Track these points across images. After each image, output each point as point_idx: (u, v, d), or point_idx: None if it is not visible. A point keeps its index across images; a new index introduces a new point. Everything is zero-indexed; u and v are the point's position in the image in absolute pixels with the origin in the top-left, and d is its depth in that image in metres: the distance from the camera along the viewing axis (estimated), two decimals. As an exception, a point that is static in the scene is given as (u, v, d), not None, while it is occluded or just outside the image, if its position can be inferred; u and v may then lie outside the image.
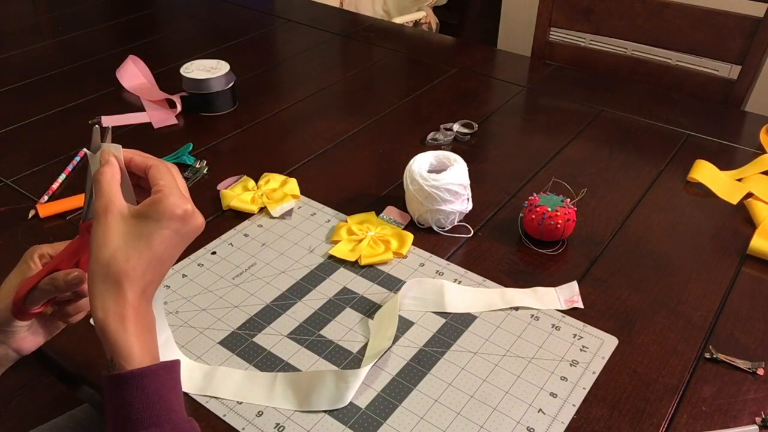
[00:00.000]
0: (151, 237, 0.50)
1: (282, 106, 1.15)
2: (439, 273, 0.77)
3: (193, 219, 0.52)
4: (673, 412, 0.61)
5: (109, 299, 0.49)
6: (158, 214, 0.50)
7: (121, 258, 0.50)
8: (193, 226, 0.52)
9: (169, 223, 0.51)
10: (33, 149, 1.03)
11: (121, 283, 0.50)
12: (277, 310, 0.73)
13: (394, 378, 0.64)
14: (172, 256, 0.53)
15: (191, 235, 0.53)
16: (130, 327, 0.49)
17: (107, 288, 0.50)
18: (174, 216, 0.51)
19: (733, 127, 1.09)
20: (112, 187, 0.52)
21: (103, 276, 0.50)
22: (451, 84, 1.22)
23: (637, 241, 0.83)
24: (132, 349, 0.49)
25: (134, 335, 0.49)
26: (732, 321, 0.71)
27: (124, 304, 0.49)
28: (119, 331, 0.49)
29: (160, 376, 0.49)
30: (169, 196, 0.51)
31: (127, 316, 0.49)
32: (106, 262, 0.50)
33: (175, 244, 0.52)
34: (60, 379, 0.71)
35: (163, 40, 1.44)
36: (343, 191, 0.92)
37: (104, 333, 0.49)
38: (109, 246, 0.50)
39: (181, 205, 0.51)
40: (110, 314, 0.49)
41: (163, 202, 0.51)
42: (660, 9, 1.26)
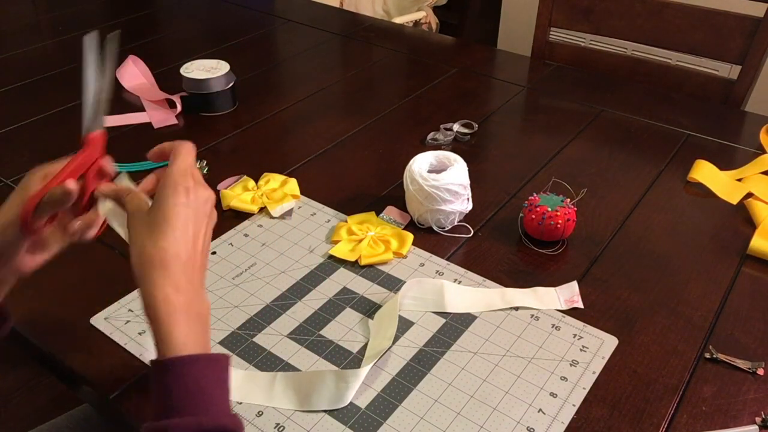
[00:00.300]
0: (166, 215, 0.53)
1: (282, 106, 1.15)
2: (439, 273, 0.77)
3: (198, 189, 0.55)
4: (673, 412, 0.61)
5: (149, 285, 0.51)
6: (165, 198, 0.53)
7: (149, 245, 0.52)
8: (201, 196, 0.55)
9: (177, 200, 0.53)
10: (33, 149, 1.03)
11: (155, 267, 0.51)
12: (277, 310, 0.73)
13: (394, 378, 0.64)
14: (198, 231, 0.54)
15: (202, 206, 0.55)
16: (173, 313, 0.50)
17: (145, 274, 0.51)
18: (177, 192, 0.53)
19: (733, 127, 1.09)
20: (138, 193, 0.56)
21: (140, 266, 0.52)
22: (451, 84, 1.22)
23: (637, 241, 0.83)
24: (173, 334, 0.49)
25: (177, 322, 0.50)
26: (732, 321, 0.71)
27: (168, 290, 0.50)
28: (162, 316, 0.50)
29: (202, 367, 0.49)
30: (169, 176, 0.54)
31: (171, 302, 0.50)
32: (138, 252, 0.52)
33: (192, 216, 0.54)
34: (60, 379, 0.71)
35: (163, 40, 1.44)
36: (343, 191, 0.92)
37: (150, 319, 0.50)
38: (138, 239, 0.53)
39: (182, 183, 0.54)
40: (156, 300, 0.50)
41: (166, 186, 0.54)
42: (660, 9, 1.26)
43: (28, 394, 1.42)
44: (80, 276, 0.77)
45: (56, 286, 0.76)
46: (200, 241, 0.55)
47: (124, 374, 0.65)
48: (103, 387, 0.64)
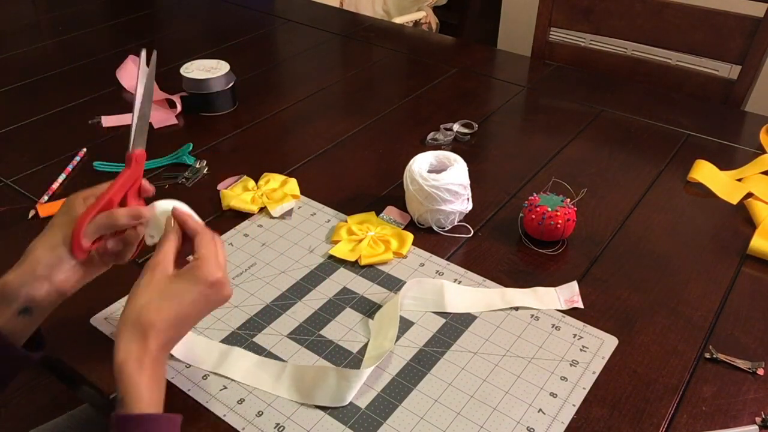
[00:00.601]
0: (183, 296, 0.56)
1: (282, 106, 1.15)
2: (439, 273, 0.77)
3: (223, 288, 0.58)
4: (673, 412, 0.61)
5: (133, 344, 0.54)
6: (194, 278, 0.56)
7: (153, 309, 0.55)
8: (221, 295, 0.58)
9: (201, 288, 0.56)
10: (33, 149, 1.03)
11: (147, 331, 0.54)
12: (277, 310, 0.73)
13: (394, 378, 0.64)
14: (196, 318, 0.58)
15: (218, 302, 0.59)
16: (145, 375, 0.53)
17: (133, 333, 0.54)
18: (207, 282, 0.56)
19: (733, 127, 1.09)
20: (169, 252, 0.58)
21: (133, 322, 0.55)
22: (451, 84, 1.22)
23: (637, 241, 0.83)
24: (143, 394, 0.52)
25: (147, 383, 0.53)
26: (732, 321, 0.71)
27: (145, 351, 0.54)
28: (135, 374, 0.53)
29: (162, 426, 0.53)
30: (207, 263, 0.57)
31: (145, 364, 0.53)
32: (138, 309, 0.55)
33: (201, 307, 0.57)
34: (60, 379, 0.71)
35: (163, 40, 1.44)
36: (343, 191, 0.92)
37: (121, 374, 0.53)
38: (145, 296, 0.56)
39: (215, 273, 0.57)
40: (131, 358, 0.53)
41: (201, 268, 0.56)
42: (660, 9, 1.26)
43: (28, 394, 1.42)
44: (80, 276, 0.77)
45: (56, 286, 0.76)
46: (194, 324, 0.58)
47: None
48: (103, 387, 0.64)
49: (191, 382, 0.64)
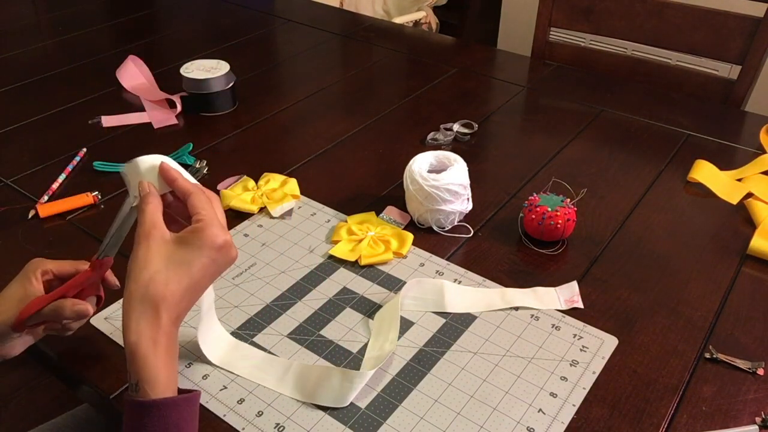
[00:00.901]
0: (191, 263, 0.52)
1: (282, 106, 1.15)
2: (439, 273, 0.77)
3: (231, 250, 0.55)
4: (673, 412, 0.61)
5: (144, 322, 0.50)
6: (200, 242, 0.53)
7: (160, 281, 0.51)
8: (229, 257, 0.55)
9: (210, 251, 0.53)
10: (33, 149, 1.03)
11: (158, 306, 0.51)
12: (277, 310, 0.73)
13: (394, 378, 0.64)
14: (206, 285, 0.55)
15: (226, 266, 0.55)
16: (160, 353, 0.50)
17: (143, 310, 0.51)
18: (214, 245, 0.53)
19: (733, 127, 1.09)
20: (155, 215, 0.55)
21: (141, 297, 0.51)
22: (451, 84, 1.22)
23: (637, 241, 0.83)
24: (159, 376, 0.50)
25: (163, 362, 0.50)
26: (732, 321, 0.71)
27: (158, 329, 0.51)
28: (150, 356, 0.50)
29: (182, 409, 0.50)
30: (211, 225, 0.53)
31: (159, 342, 0.50)
32: (145, 283, 0.51)
33: (212, 273, 0.54)
34: (60, 379, 0.71)
35: (163, 40, 1.44)
36: (343, 191, 0.92)
37: (134, 356, 0.50)
38: (149, 268, 0.51)
39: (222, 236, 0.54)
40: (143, 338, 0.50)
41: (205, 231, 0.53)
42: (660, 9, 1.26)
43: (28, 394, 1.42)
44: (80, 276, 0.77)
45: (56, 286, 0.76)
46: (203, 292, 0.55)
47: (124, 374, 0.64)
48: (103, 387, 0.64)
49: (191, 382, 0.64)
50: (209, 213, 0.54)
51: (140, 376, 0.50)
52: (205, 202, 0.55)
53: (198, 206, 0.55)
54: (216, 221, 0.54)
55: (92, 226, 0.85)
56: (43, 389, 1.45)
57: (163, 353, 0.50)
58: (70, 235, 0.84)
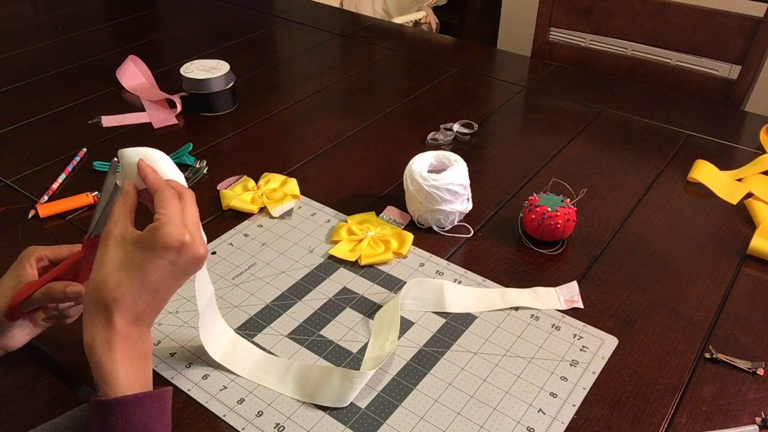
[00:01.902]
0: (143, 265, 0.51)
1: (282, 106, 1.15)
2: (439, 273, 0.77)
3: (190, 249, 0.52)
4: (673, 412, 0.61)
5: (98, 324, 0.50)
6: (152, 243, 0.51)
7: (111, 283, 0.50)
8: (190, 257, 0.52)
9: (163, 252, 0.51)
10: (33, 149, 1.03)
11: (110, 308, 0.50)
12: (277, 310, 0.73)
13: (394, 378, 0.64)
14: (169, 286, 0.53)
15: (190, 266, 0.53)
16: (116, 354, 0.50)
17: (97, 312, 0.50)
18: (168, 246, 0.51)
19: (733, 127, 1.09)
20: (121, 213, 0.53)
21: (94, 299, 0.51)
22: (451, 84, 1.22)
23: (637, 241, 0.83)
24: (117, 375, 0.49)
25: (121, 362, 0.50)
26: (732, 321, 0.71)
27: (112, 331, 0.50)
28: (104, 356, 0.49)
29: (147, 406, 0.49)
30: (167, 225, 0.51)
31: (114, 343, 0.50)
32: (98, 286, 0.50)
33: (171, 273, 0.52)
34: (60, 379, 0.71)
35: (163, 40, 1.44)
36: (343, 191, 0.92)
37: (90, 357, 0.50)
38: (103, 270, 0.51)
39: (178, 236, 0.51)
40: (97, 339, 0.50)
41: (159, 231, 0.51)
42: (660, 9, 1.26)
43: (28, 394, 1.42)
44: (80, 276, 0.77)
45: (56, 286, 0.76)
46: (170, 292, 0.53)
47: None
48: (103, 387, 0.64)
49: (191, 382, 0.64)
50: (169, 211, 0.52)
51: (98, 376, 0.50)
52: (168, 200, 0.53)
53: (159, 204, 0.53)
54: (175, 220, 0.51)
55: (92, 226, 0.85)
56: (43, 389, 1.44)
57: (119, 354, 0.50)
58: (70, 235, 0.84)
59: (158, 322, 0.70)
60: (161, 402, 0.51)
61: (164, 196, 0.53)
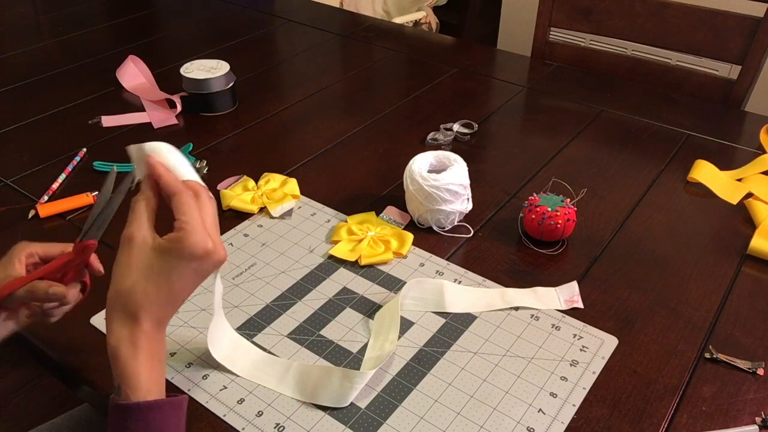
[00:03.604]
0: (170, 274, 0.51)
1: (282, 106, 1.15)
2: (439, 273, 0.77)
3: (214, 256, 0.52)
4: (673, 412, 0.61)
5: (124, 328, 0.51)
6: (179, 253, 0.51)
7: (140, 292, 0.51)
8: (213, 262, 0.53)
9: (190, 263, 0.51)
10: (33, 149, 1.03)
11: (137, 314, 0.51)
12: (277, 310, 0.73)
13: (394, 378, 0.64)
14: (190, 291, 0.54)
15: (212, 270, 0.54)
16: (141, 356, 0.50)
17: (124, 317, 0.51)
18: (195, 256, 0.51)
19: (733, 127, 1.09)
20: (143, 216, 0.53)
21: (122, 306, 0.51)
22: (451, 84, 1.22)
23: (637, 241, 0.83)
24: (140, 378, 0.50)
25: (144, 365, 0.50)
26: (732, 321, 0.71)
27: (139, 332, 0.51)
28: (130, 358, 0.50)
29: (165, 412, 0.50)
30: (192, 234, 0.51)
31: (139, 345, 0.50)
32: (125, 293, 0.51)
33: (194, 280, 0.53)
34: (60, 379, 0.71)
35: (163, 40, 1.44)
36: (343, 191, 0.92)
37: (115, 359, 0.50)
38: (130, 277, 0.51)
39: (203, 245, 0.51)
40: (123, 341, 0.50)
41: (185, 241, 0.51)
42: (660, 9, 1.26)
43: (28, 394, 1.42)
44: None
45: (56, 286, 0.76)
46: (187, 297, 0.54)
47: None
48: (103, 387, 0.64)
49: (191, 382, 0.64)
50: (191, 218, 0.51)
51: (121, 380, 0.50)
52: (188, 204, 0.52)
53: (180, 210, 0.52)
54: (198, 227, 0.51)
55: (92, 226, 0.85)
56: (43, 389, 1.45)
57: (144, 357, 0.50)
58: (70, 235, 0.83)
59: (158, 322, 0.70)
60: (179, 409, 0.52)
61: (182, 200, 0.52)
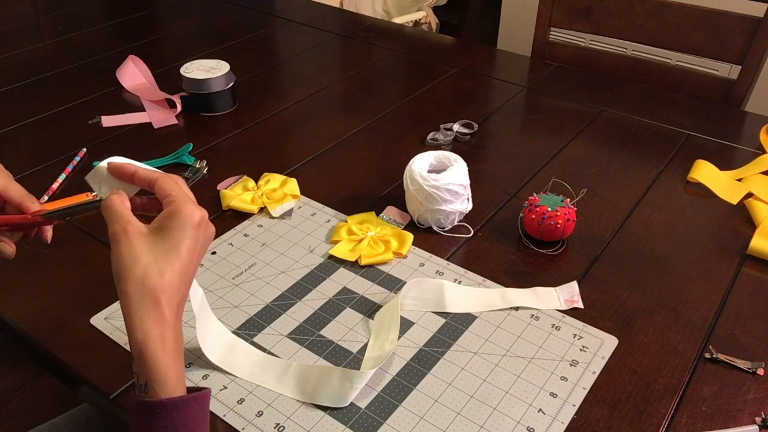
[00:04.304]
0: (179, 247, 0.51)
1: (282, 106, 1.15)
2: (439, 273, 0.77)
3: (208, 225, 0.54)
4: (673, 412, 0.61)
5: (148, 319, 0.49)
6: (180, 224, 0.51)
7: (155, 273, 0.49)
8: (209, 232, 0.54)
9: (191, 231, 0.52)
10: (33, 149, 1.03)
11: (158, 300, 0.49)
12: (277, 310, 0.73)
13: (394, 378, 0.64)
14: (197, 265, 0.53)
15: (208, 241, 0.54)
16: (169, 350, 0.49)
17: (145, 307, 0.49)
18: (193, 223, 0.52)
19: (733, 127, 1.09)
20: (125, 210, 0.53)
21: (139, 294, 0.49)
22: (451, 84, 1.22)
23: (637, 241, 0.83)
24: (169, 374, 0.48)
25: (172, 359, 0.49)
26: (732, 321, 0.71)
27: (164, 324, 0.49)
28: (159, 354, 0.48)
29: (192, 409, 0.49)
30: (185, 204, 0.52)
31: (167, 338, 0.49)
32: (140, 279, 0.49)
33: (198, 251, 0.53)
34: (60, 379, 0.71)
35: (163, 40, 1.44)
36: (343, 191, 0.92)
37: (143, 355, 0.48)
38: (140, 263, 0.50)
39: (198, 212, 0.52)
40: (151, 336, 0.48)
41: (182, 211, 0.52)
42: (660, 9, 1.26)
43: (28, 394, 1.42)
44: (80, 276, 0.77)
45: (56, 286, 0.76)
46: (194, 275, 0.54)
47: (124, 374, 0.65)
48: (103, 387, 0.64)
49: (191, 382, 0.64)
50: (179, 192, 0.53)
51: (149, 376, 0.48)
52: (171, 184, 0.54)
53: (166, 188, 0.53)
54: (188, 199, 0.53)
55: (92, 226, 0.85)
56: (43, 389, 1.45)
57: (171, 350, 0.49)
58: (70, 235, 0.84)
59: (158, 322, 0.70)
60: (204, 404, 0.51)
61: (164, 180, 0.54)
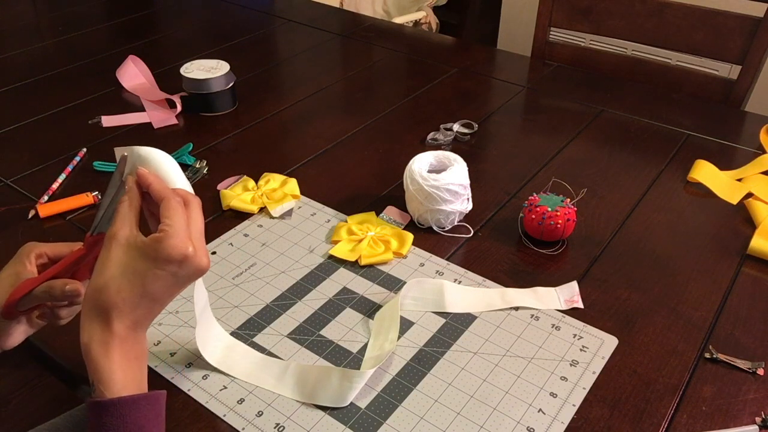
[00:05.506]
0: (145, 275, 0.51)
1: (282, 106, 1.15)
2: (439, 273, 0.77)
3: (193, 262, 0.51)
4: (673, 412, 0.61)
5: (96, 326, 0.50)
6: (155, 254, 0.50)
7: (113, 288, 0.50)
8: (192, 269, 0.52)
9: (165, 264, 0.51)
10: (33, 149, 1.03)
11: (109, 313, 0.50)
12: (277, 310, 0.73)
13: (394, 378, 0.64)
14: (169, 296, 0.53)
15: (191, 277, 0.53)
16: (113, 355, 0.50)
17: (96, 314, 0.50)
18: (171, 259, 0.51)
19: (733, 127, 1.09)
20: (127, 216, 0.53)
21: (94, 302, 0.51)
22: (451, 84, 1.22)
23: (637, 241, 0.83)
24: (113, 376, 0.49)
25: (117, 363, 0.50)
26: (732, 321, 0.71)
27: (110, 334, 0.50)
28: (101, 357, 0.50)
29: (141, 407, 0.50)
30: (171, 237, 0.50)
31: (111, 345, 0.50)
32: (99, 288, 0.50)
33: (171, 284, 0.52)
34: (60, 379, 0.71)
35: (163, 40, 1.44)
36: (343, 191, 0.92)
37: (87, 357, 0.50)
38: (105, 273, 0.51)
39: (181, 249, 0.50)
40: (94, 340, 0.50)
41: (162, 242, 0.50)
42: (660, 9, 1.26)
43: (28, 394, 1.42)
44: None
45: (56, 286, 0.76)
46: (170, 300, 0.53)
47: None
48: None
49: (191, 382, 0.64)
50: (175, 222, 0.51)
51: (94, 377, 0.50)
52: (174, 209, 0.52)
53: (164, 214, 0.52)
54: (180, 231, 0.51)
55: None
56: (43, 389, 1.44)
57: (117, 356, 0.50)
58: (70, 235, 0.84)
59: (158, 322, 0.71)
60: (156, 404, 0.51)
61: (170, 204, 0.53)
